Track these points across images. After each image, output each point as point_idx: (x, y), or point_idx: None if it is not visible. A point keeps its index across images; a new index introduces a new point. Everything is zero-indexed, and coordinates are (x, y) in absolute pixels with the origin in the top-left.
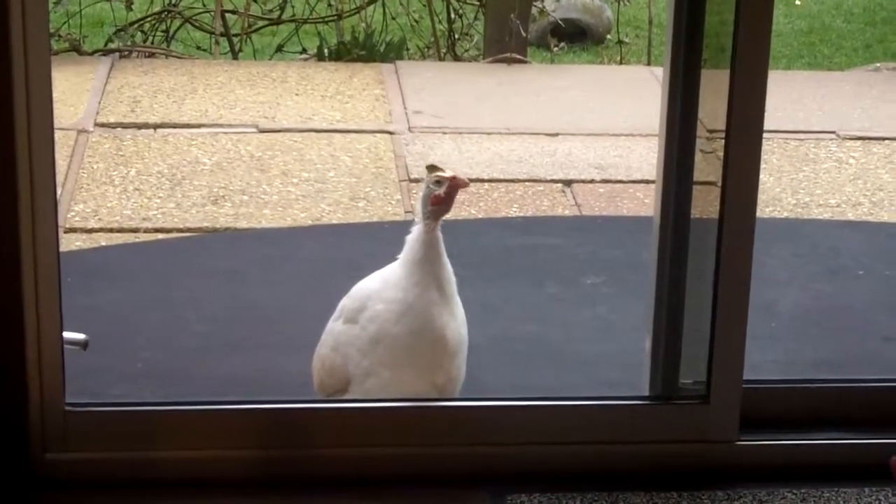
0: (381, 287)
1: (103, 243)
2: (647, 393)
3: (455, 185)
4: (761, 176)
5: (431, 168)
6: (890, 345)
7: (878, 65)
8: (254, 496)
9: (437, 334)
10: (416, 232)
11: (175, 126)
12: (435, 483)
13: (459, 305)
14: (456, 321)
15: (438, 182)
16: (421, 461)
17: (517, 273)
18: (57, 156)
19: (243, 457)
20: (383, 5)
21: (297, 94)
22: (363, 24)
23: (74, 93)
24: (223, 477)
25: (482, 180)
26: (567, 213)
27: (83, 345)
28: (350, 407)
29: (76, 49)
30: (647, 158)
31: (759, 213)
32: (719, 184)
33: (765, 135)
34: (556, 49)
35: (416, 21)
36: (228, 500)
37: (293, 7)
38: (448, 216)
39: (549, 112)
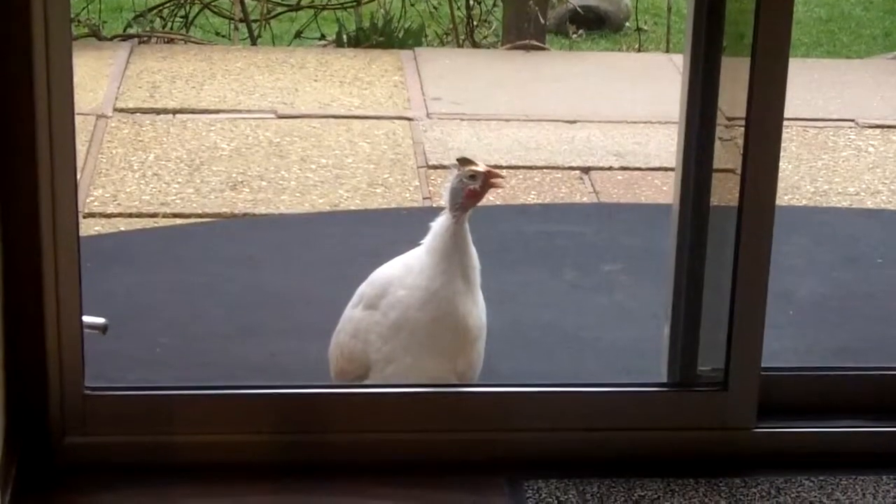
0: (403, 273)
1: (122, 228)
2: (665, 380)
3: (491, 179)
4: (780, 164)
5: (463, 161)
6: None
7: None
8: (271, 481)
9: (461, 322)
10: (444, 221)
11: (194, 111)
12: (453, 468)
13: (480, 292)
14: (478, 308)
15: (473, 177)
16: (438, 447)
17: (535, 260)
18: (76, 141)
19: (261, 441)
20: None
21: (315, 81)
22: (382, 11)
23: (93, 78)
24: (241, 461)
25: (500, 167)
26: (585, 200)
27: (103, 329)
28: (367, 392)
29: (95, 34)
30: (665, 146)
31: (777, 201)
32: (739, 171)
33: (784, 122)
34: (574, 36)
35: (435, 8)
36: (245, 485)
37: None
38: None
39: (567, 99)
